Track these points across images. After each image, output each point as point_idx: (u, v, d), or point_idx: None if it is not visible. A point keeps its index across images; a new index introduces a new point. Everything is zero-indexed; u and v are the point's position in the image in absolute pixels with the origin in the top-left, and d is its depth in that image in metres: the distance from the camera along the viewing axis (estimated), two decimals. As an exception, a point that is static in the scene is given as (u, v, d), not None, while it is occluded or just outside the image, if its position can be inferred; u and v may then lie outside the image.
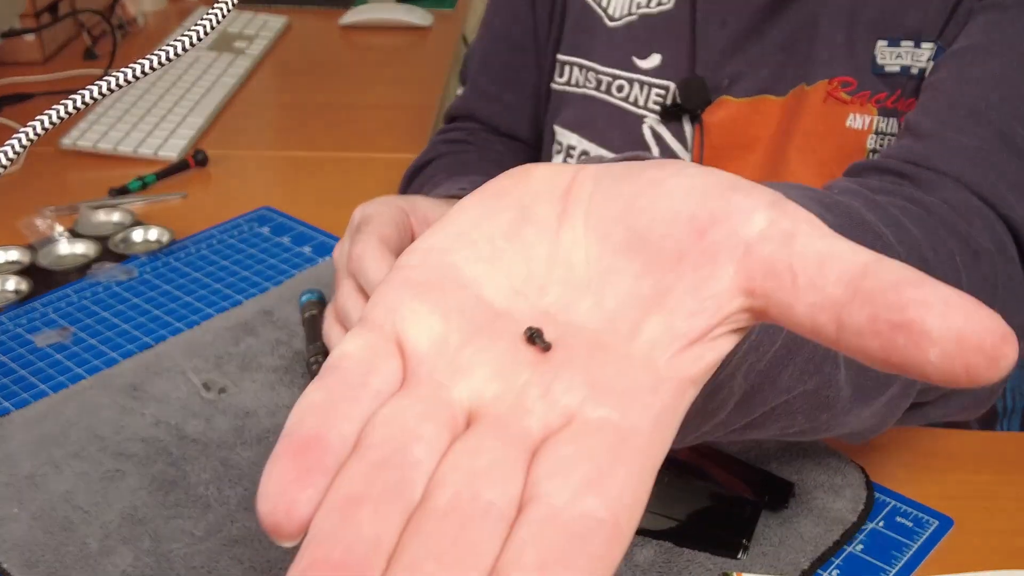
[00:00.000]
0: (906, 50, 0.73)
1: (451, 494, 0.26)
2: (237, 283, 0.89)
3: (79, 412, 0.71)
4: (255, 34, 1.49)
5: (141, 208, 1.03)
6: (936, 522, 0.64)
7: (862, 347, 0.27)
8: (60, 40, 1.44)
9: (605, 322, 0.31)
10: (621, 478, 0.26)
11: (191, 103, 1.25)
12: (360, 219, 0.69)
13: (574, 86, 0.87)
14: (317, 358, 0.74)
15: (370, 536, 0.25)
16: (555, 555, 0.25)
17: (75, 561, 0.59)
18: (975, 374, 0.26)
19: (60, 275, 0.90)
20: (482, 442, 0.28)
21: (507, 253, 0.33)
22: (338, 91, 1.35)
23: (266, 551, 0.60)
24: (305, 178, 1.12)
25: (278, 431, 0.77)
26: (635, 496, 0.27)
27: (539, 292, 0.32)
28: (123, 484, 0.65)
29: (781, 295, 0.29)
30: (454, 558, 0.25)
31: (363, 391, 0.29)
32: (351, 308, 0.66)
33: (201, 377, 0.74)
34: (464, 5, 1.69)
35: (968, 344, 0.26)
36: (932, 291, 0.27)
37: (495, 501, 0.26)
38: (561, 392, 0.29)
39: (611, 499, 0.26)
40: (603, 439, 0.27)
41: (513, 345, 0.30)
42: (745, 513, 0.61)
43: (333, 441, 0.27)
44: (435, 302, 0.31)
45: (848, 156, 0.75)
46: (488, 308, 0.31)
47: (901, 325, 0.26)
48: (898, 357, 0.27)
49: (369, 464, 0.27)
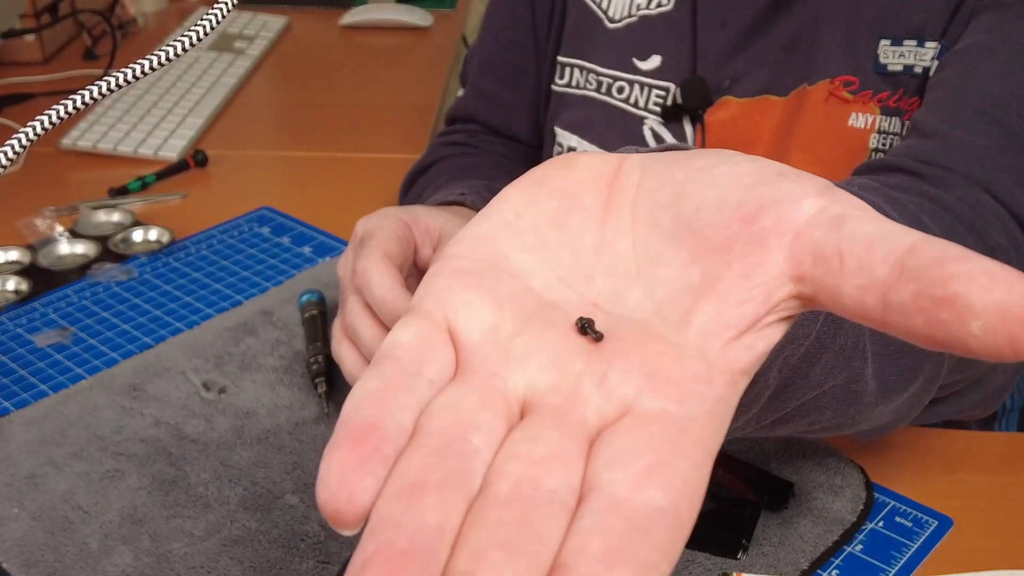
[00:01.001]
0: (909, 49, 0.73)
1: (512, 483, 0.26)
2: (237, 283, 0.89)
3: (79, 412, 0.71)
4: (255, 34, 1.49)
5: (141, 208, 1.03)
6: (935, 522, 0.64)
7: (908, 325, 0.27)
8: (60, 40, 1.44)
9: (654, 312, 0.31)
10: (681, 468, 0.26)
11: (191, 103, 1.25)
12: (363, 233, 0.69)
13: (574, 87, 0.87)
14: (317, 358, 0.74)
15: (433, 523, 0.25)
16: (619, 545, 0.25)
17: (75, 561, 0.59)
18: (1019, 345, 0.26)
19: (60, 275, 0.90)
20: (540, 432, 0.28)
21: (553, 242, 0.33)
22: (338, 91, 1.35)
23: (265, 551, 0.60)
24: (305, 178, 1.12)
25: (278, 431, 0.77)
26: (695, 486, 0.27)
27: (587, 282, 0.32)
28: (123, 484, 0.65)
29: (829, 280, 0.28)
30: (518, 545, 0.25)
31: (418, 380, 0.29)
32: (359, 325, 0.66)
33: (201, 377, 0.74)
34: (464, 5, 1.69)
35: (1011, 316, 0.25)
36: (976, 264, 0.26)
37: (556, 490, 0.26)
38: (616, 383, 0.29)
39: (672, 489, 0.26)
40: (661, 430, 0.27)
41: (565, 335, 0.30)
42: (745, 513, 0.61)
43: (391, 429, 0.27)
44: (486, 291, 0.31)
45: (849, 155, 0.75)
46: (537, 298, 0.32)
47: (944, 300, 0.26)
48: (942, 333, 0.26)
49: (429, 452, 0.27)
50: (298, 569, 0.59)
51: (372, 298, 0.65)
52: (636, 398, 0.28)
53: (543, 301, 0.32)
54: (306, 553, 0.60)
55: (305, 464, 0.66)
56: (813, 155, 0.76)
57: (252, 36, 1.48)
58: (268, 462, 0.67)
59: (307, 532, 0.61)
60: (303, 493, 0.64)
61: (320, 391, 0.72)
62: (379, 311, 0.64)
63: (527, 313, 0.31)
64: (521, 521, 0.25)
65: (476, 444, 0.27)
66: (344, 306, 0.68)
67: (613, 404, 0.28)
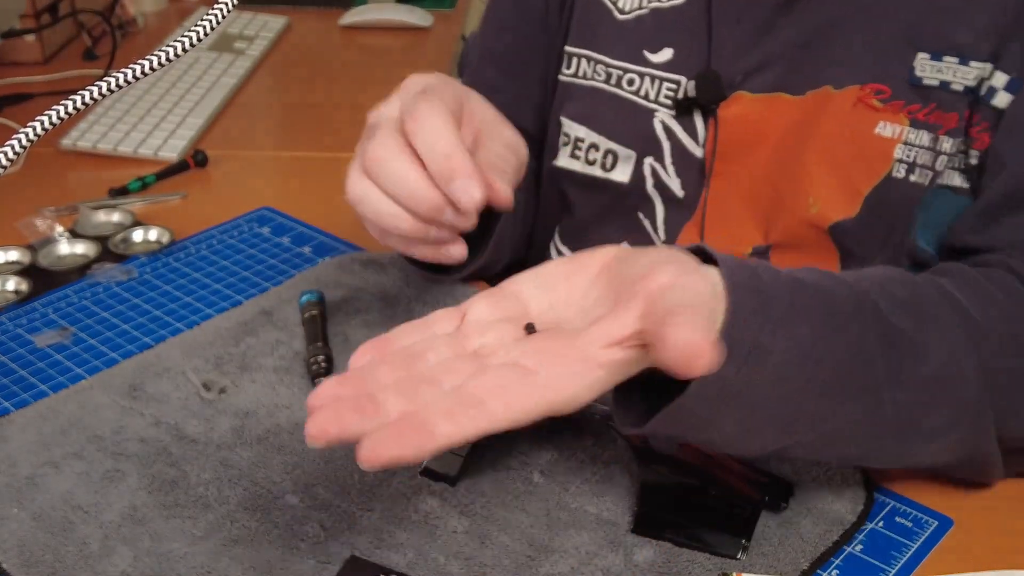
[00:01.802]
0: (948, 66, 0.72)
1: (435, 365, 0.53)
2: (237, 283, 0.89)
3: (79, 412, 0.71)
4: (255, 35, 1.49)
5: (141, 208, 1.03)
6: (935, 522, 0.64)
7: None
8: (60, 40, 1.44)
9: (579, 328, 0.53)
10: (516, 390, 0.50)
11: (191, 104, 1.25)
12: (423, 87, 0.67)
13: (581, 78, 0.87)
14: (317, 358, 0.74)
15: (380, 377, 0.52)
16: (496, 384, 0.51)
17: (75, 561, 0.59)
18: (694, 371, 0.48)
19: (60, 275, 0.90)
20: (463, 361, 0.54)
21: (559, 288, 0.57)
22: (338, 91, 1.35)
23: (265, 551, 0.60)
24: (305, 178, 1.12)
25: (278, 431, 0.78)
26: (520, 408, 0.50)
27: (564, 308, 0.57)
28: (123, 484, 0.65)
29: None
30: (434, 380, 0.52)
31: (429, 327, 0.56)
32: (393, 160, 0.63)
33: (201, 377, 0.74)
34: (464, 5, 1.69)
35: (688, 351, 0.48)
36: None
37: (461, 370, 0.52)
38: (523, 348, 0.53)
39: (504, 398, 0.50)
40: (521, 369, 0.52)
41: (519, 329, 0.56)
42: (745, 513, 0.62)
43: (396, 340, 0.55)
44: (493, 303, 0.57)
45: (869, 162, 0.75)
46: (524, 312, 0.57)
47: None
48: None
49: (397, 352, 0.54)
50: (298, 569, 0.59)
51: (424, 143, 0.62)
52: (524, 356, 0.52)
53: (526, 314, 0.57)
54: (306, 553, 0.60)
55: (305, 464, 0.66)
56: (829, 157, 0.76)
57: (252, 36, 1.48)
58: (268, 462, 0.67)
59: (307, 532, 0.61)
60: (303, 493, 0.64)
61: (320, 391, 0.72)
62: (431, 160, 0.62)
63: (509, 317, 0.56)
64: (437, 374, 0.52)
65: (428, 358, 0.54)
66: (374, 141, 0.65)
67: (513, 355, 0.53)
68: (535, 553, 0.60)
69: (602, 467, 0.67)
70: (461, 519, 0.63)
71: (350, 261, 0.89)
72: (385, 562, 0.59)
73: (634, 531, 0.62)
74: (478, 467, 0.66)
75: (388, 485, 0.65)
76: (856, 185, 0.75)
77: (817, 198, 0.76)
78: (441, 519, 0.63)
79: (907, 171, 0.74)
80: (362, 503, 0.63)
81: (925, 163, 0.74)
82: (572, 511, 0.63)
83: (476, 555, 0.60)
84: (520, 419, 0.50)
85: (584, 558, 0.60)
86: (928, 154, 0.74)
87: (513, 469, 0.67)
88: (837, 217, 0.76)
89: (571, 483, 0.66)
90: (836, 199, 0.76)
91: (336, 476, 0.65)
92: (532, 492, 0.65)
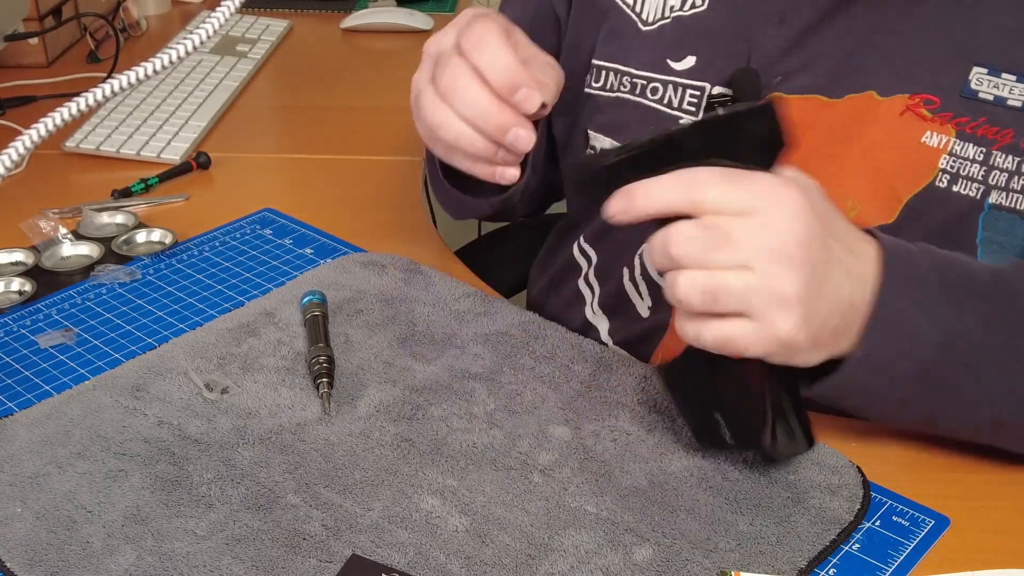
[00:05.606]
0: (1006, 82, 0.72)
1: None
2: (239, 284, 0.89)
3: (82, 412, 0.72)
4: (257, 38, 1.49)
5: (144, 210, 1.03)
6: (932, 521, 0.64)
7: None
8: (64, 43, 1.45)
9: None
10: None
11: (194, 106, 1.25)
12: (482, 14, 0.73)
13: (608, 91, 0.87)
14: (319, 359, 0.75)
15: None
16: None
17: (78, 560, 0.60)
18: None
19: (63, 277, 0.91)
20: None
21: None
22: (340, 94, 1.36)
23: (268, 550, 0.61)
24: (307, 180, 1.12)
25: (280, 431, 0.78)
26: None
27: None
28: (126, 484, 0.65)
29: None
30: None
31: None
32: (466, 86, 0.70)
33: (203, 378, 0.75)
34: (464, 8, 1.69)
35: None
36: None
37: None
38: None
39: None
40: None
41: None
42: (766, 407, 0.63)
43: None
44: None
45: (913, 171, 0.75)
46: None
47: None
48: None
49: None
50: (300, 568, 0.59)
51: (488, 64, 0.69)
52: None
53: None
54: (308, 552, 0.60)
55: (307, 464, 0.67)
56: (871, 163, 0.76)
57: (254, 39, 1.49)
58: (270, 462, 0.67)
59: (309, 532, 0.62)
60: (305, 493, 0.64)
61: (321, 392, 0.73)
62: (495, 75, 0.69)
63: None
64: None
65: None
66: (447, 70, 0.70)
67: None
68: (535, 552, 0.61)
69: (602, 467, 0.67)
70: (461, 518, 0.63)
71: (351, 262, 0.89)
72: (386, 561, 0.60)
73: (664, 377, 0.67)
74: (478, 467, 0.67)
75: (389, 484, 0.65)
76: (897, 192, 0.75)
77: (857, 202, 0.76)
78: (442, 518, 0.63)
79: (950, 181, 0.74)
80: (363, 502, 0.64)
81: (973, 175, 0.74)
82: (572, 511, 0.64)
83: (476, 554, 0.61)
84: None
85: (583, 557, 0.60)
86: (977, 167, 0.73)
87: (513, 469, 0.67)
88: (875, 222, 0.76)
89: (571, 483, 0.66)
90: (876, 204, 0.76)
91: (337, 475, 0.66)
92: (532, 492, 0.65)
